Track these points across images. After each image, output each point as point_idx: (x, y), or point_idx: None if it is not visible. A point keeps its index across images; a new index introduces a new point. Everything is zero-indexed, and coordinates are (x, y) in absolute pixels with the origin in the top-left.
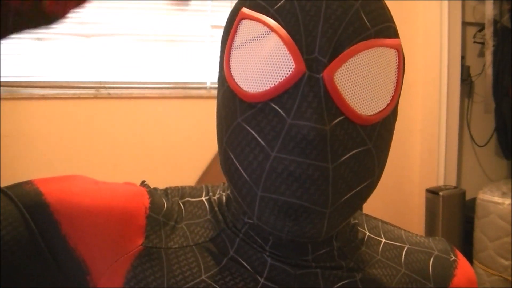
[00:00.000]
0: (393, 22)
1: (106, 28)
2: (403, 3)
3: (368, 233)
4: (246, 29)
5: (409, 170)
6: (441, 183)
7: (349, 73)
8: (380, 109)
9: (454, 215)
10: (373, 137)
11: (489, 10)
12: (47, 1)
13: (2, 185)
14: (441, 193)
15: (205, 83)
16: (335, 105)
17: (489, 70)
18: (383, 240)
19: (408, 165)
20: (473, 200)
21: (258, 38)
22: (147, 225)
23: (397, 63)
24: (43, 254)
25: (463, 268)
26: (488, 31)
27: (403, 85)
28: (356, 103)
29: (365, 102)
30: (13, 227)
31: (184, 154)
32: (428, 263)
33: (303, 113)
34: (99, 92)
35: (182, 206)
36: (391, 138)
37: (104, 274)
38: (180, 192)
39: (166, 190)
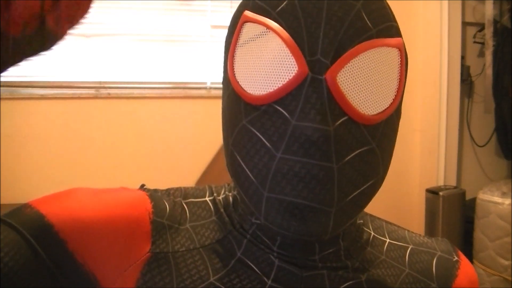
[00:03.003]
0: (395, 21)
1: (106, 28)
2: (403, 3)
3: (373, 233)
4: (249, 31)
5: (409, 170)
6: (441, 183)
7: (352, 74)
8: (383, 109)
9: (454, 215)
10: (377, 136)
11: (489, 10)
12: (50, 21)
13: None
14: (441, 193)
15: (205, 83)
16: (338, 106)
17: (489, 70)
18: (388, 240)
19: (408, 165)
20: (473, 200)
21: (261, 40)
22: (153, 230)
23: (399, 62)
24: (53, 275)
25: (465, 268)
26: (488, 31)
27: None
28: (359, 103)
29: (368, 102)
30: (20, 255)
31: (184, 154)
32: (431, 264)
33: (307, 115)
34: (99, 92)
35: (185, 207)
36: (395, 137)
37: (115, 284)
38: (183, 192)
39: (168, 190)
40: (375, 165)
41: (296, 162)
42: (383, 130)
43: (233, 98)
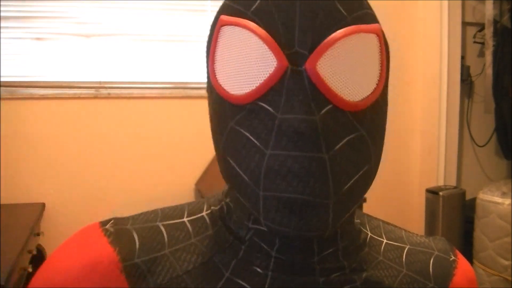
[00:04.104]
0: (370, 9)
1: (106, 28)
2: (403, 3)
3: (370, 234)
4: (227, 34)
5: (409, 170)
6: (441, 183)
7: (332, 62)
8: (368, 94)
9: (454, 215)
10: (365, 123)
11: (489, 10)
12: None
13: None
14: (441, 193)
15: (205, 83)
16: (321, 95)
17: (489, 70)
18: (385, 241)
19: (408, 165)
20: (473, 200)
21: (238, 40)
22: (127, 277)
23: (379, 47)
24: None
25: (462, 267)
26: (488, 31)
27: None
28: (342, 90)
29: (351, 88)
30: None
31: (184, 154)
32: (428, 263)
33: (291, 107)
34: (99, 92)
35: (163, 230)
36: (385, 124)
37: None
38: (159, 215)
39: (142, 214)
40: (366, 152)
41: (287, 157)
42: (371, 116)
43: (219, 102)
